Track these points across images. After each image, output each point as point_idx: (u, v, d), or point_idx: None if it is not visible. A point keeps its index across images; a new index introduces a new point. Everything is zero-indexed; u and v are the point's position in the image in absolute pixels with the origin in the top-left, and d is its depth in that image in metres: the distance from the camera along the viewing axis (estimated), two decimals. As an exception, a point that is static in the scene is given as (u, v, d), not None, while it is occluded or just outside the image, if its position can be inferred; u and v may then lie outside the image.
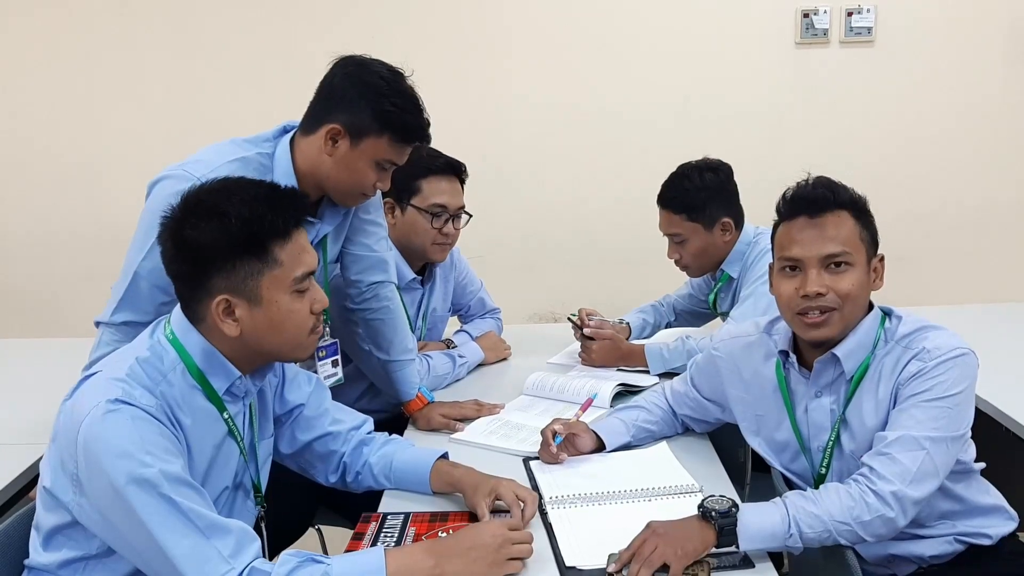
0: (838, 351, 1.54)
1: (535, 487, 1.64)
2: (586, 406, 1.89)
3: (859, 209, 1.56)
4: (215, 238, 1.29)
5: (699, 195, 2.32)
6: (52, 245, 3.80)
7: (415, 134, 1.74)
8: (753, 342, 1.72)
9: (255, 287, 1.32)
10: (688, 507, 1.43)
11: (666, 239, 2.42)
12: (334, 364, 2.00)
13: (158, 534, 1.19)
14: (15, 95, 3.70)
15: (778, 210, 1.59)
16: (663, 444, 1.82)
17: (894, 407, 1.49)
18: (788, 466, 1.68)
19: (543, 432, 1.76)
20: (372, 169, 1.73)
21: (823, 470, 1.59)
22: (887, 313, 1.59)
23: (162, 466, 1.21)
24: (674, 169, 2.39)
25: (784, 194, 1.58)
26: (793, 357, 1.61)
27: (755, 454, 1.89)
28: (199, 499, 1.24)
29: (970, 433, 1.52)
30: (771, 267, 1.61)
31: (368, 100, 1.68)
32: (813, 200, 1.54)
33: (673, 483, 1.63)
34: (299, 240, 1.36)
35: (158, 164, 1.73)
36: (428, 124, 1.75)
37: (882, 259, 1.59)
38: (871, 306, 1.59)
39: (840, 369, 1.55)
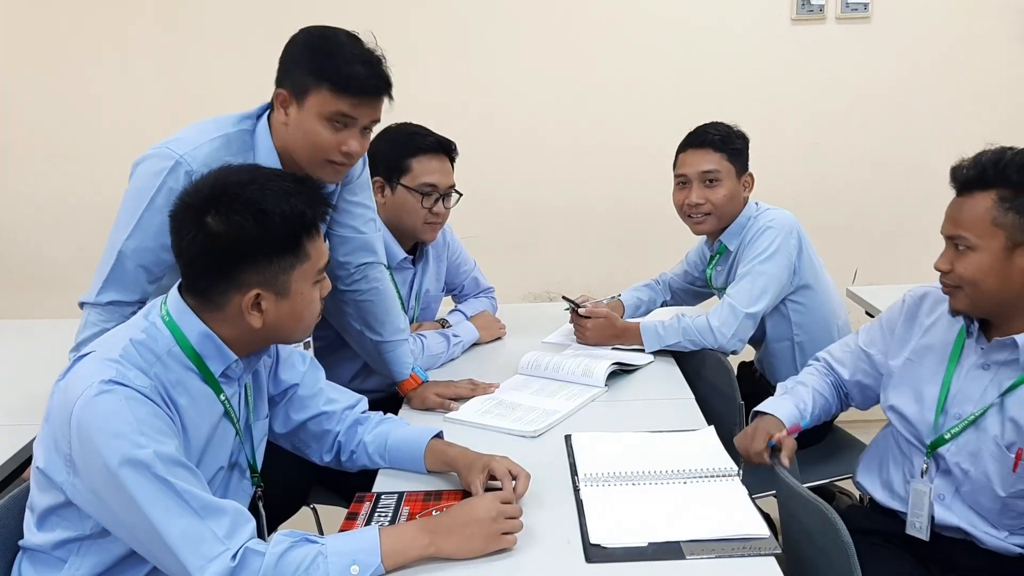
0: (1020, 339, 1.53)
1: (573, 463, 1.64)
2: (793, 430, 1.73)
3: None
4: (256, 235, 1.28)
5: (737, 141, 2.36)
6: (42, 226, 3.78)
7: (355, 82, 1.66)
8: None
9: (286, 280, 1.33)
10: (723, 490, 1.44)
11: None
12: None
13: (152, 515, 1.19)
14: (3, 77, 3.67)
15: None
16: (711, 428, 1.78)
17: None
18: (909, 412, 1.66)
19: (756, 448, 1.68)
20: (323, 127, 1.68)
21: (947, 435, 1.59)
22: None
23: (156, 447, 1.21)
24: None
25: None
26: (976, 326, 1.61)
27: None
28: (194, 480, 1.24)
29: None
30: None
31: (306, 57, 1.67)
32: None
33: (711, 466, 1.60)
34: (321, 232, 1.38)
35: (148, 144, 1.72)
36: (374, 76, 1.68)
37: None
38: None
39: (1016, 355, 1.54)
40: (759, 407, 1.78)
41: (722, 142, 2.33)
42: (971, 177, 1.53)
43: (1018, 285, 1.52)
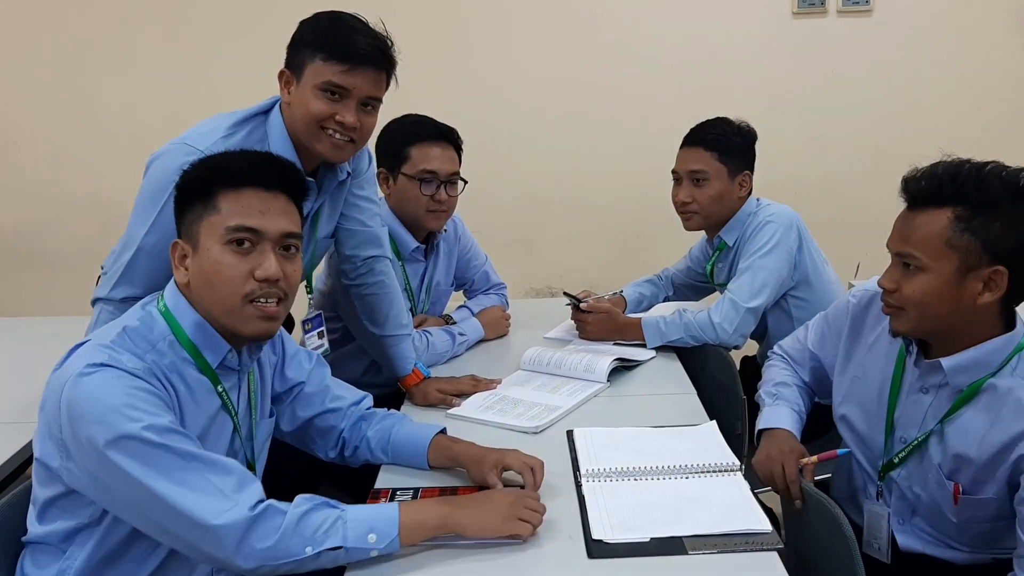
0: (945, 362, 1.44)
1: (574, 459, 1.64)
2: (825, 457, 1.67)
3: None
4: (184, 179, 1.34)
5: (734, 139, 2.34)
6: (43, 223, 3.79)
7: (347, 49, 1.65)
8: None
9: (196, 231, 1.32)
10: (725, 485, 1.44)
11: (668, 205, 2.40)
12: (320, 336, 2.01)
13: (153, 483, 1.17)
14: (6, 72, 3.67)
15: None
16: (713, 423, 1.79)
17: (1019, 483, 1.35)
18: (860, 427, 1.63)
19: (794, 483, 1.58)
20: (316, 97, 1.66)
21: (896, 460, 1.55)
22: None
23: (151, 420, 1.19)
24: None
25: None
26: (915, 347, 1.53)
27: (752, 430, 1.89)
28: (193, 445, 1.23)
29: None
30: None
31: (307, 33, 1.69)
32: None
33: (713, 461, 1.60)
34: (254, 198, 1.31)
35: (153, 141, 1.71)
36: (368, 46, 1.66)
37: None
38: (1012, 324, 1.44)
39: (944, 380, 1.46)
40: (762, 424, 1.74)
41: (715, 141, 2.32)
42: (925, 191, 1.42)
43: (966, 311, 1.40)
